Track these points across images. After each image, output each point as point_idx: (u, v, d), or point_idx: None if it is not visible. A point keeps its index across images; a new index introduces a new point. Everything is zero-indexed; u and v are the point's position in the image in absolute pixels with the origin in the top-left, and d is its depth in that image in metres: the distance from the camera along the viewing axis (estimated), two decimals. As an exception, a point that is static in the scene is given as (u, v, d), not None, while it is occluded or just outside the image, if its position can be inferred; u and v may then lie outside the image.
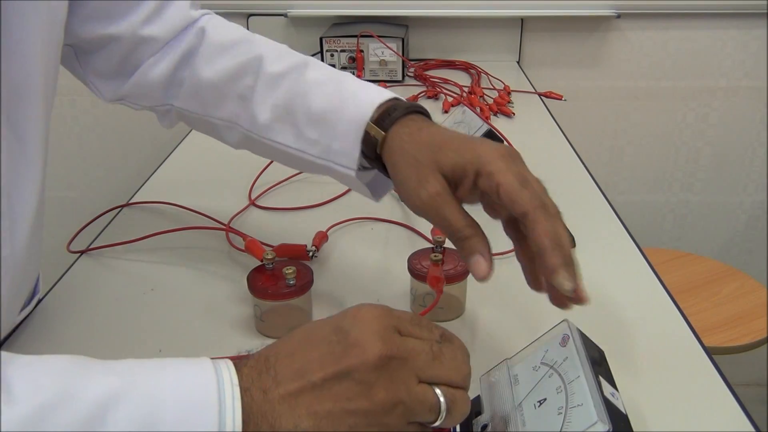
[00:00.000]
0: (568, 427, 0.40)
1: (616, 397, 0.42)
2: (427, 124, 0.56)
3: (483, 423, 0.47)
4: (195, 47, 0.68)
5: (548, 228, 0.48)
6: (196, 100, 0.68)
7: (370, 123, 0.57)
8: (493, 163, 0.50)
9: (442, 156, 0.52)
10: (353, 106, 0.58)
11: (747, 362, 1.46)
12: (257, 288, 0.61)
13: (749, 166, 1.75)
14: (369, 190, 0.63)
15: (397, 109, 0.57)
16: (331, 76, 0.63)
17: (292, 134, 0.62)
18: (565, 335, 0.46)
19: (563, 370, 0.44)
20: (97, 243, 0.79)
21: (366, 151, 0.58)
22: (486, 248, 0.50)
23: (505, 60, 1.63)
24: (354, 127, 0.58)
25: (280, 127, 0.63)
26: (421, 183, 0.52)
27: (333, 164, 0.60)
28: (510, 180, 0.49)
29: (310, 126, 0.61)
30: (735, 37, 1.62)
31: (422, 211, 0.52)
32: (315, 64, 0.65)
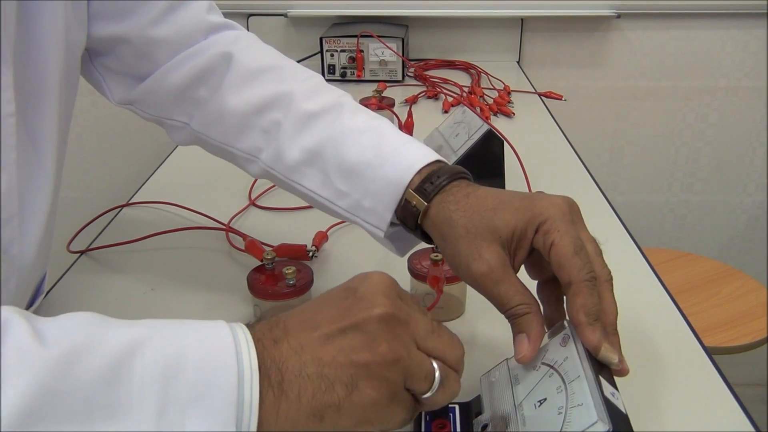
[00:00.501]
0: (568, 427, 0.40)
1: (616, 396, 0.42)
2: (473, 189, 0.52)
3: (483, 423, 0.47)
4: (218, 69, 0.64)
5: (588, 302, 0.46)
6: (216, 127, 0.65)
7: (411, 191, 0.53)
8: (552, 221, 0.48)
9: (498, 220, 0.49)
10: (391, 166, 0.55)
11: (747, 362, 1.46)
12: (257, 288, 0.61)
13: (749, 166, 1.75)
14: (394, 246, 0.60)
15: (440, 176, 0.53)
16: (369, 125, 0.59)
17: (320, 181, 0.59)
18: (566, 335, 0.46)
19: (563, 370, 0.44)
20: (97, 243, 0.79)
21: (401, 216, 0.55)
22: (536, 329, 0.47)
23: (505, 60, 1.63)
24: (390, 190, 0.54)
25: (308, 171, 0.59)
26: (472, 258, 0.48)
27: (360, 221, 0.58)
28: (565, 243, 0.47)
29: (341, 177, 0.57)
30: (735, 37, 1.62)
31: (475, 287, 0.50)
32: (352, 107, 0.62)
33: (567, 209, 0.49)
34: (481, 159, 0.87)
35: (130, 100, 0.68)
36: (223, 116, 0.64)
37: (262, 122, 0.62)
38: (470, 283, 0.50)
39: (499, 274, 0.48)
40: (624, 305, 0.66)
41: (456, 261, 0.50)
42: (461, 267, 0.50)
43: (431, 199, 0.52)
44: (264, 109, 0.62)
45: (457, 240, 0.50)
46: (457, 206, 0.51)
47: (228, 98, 0.63)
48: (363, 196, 0.56)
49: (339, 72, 1.44)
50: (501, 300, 0.48)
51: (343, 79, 1.45)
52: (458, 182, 0.53)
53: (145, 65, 0.65)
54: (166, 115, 0.68)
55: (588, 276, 0.46)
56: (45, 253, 0.59)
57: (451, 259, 0.51)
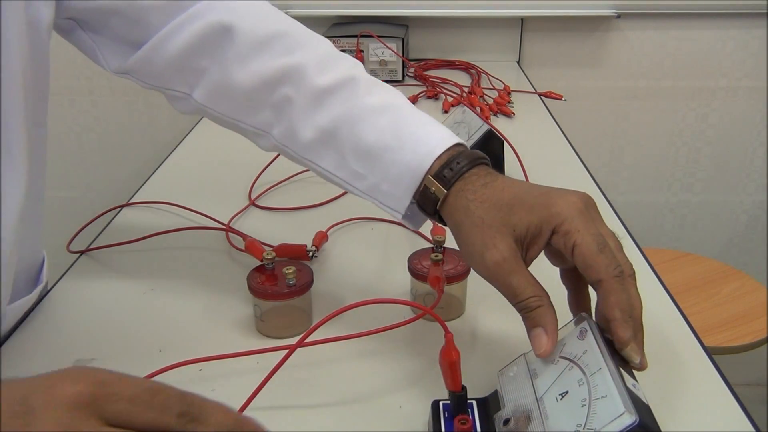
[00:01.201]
0: (593, 419, 0.40)
1: (637, 388, 0.43)
2: (492, 179, 0.52)
3: (505, 417, 0.47)
4: (219, 39, 0.61)
5: (622, 299, 0.46)
6: (223, 101, 0.63)
7: (430, 177, 0.53)
8: (570, 222, 0.47)
9: (513, 217, 0.49)
10: (410, 151, 0.54)
11: (747, 362, 1.46)
12: (257, 288, 0.61)
13: (749, 166, 1.75)
14: (409, 223, 0.59)
15: (459, 162, 0.53)
16: (386, 103, 0.58)
17: (336, 162, 0.58)
18: (583, 329, 0.47)
19: (584, 363, 0.44)
20: (97, 243, 0.79)
21: (419, 201, 0.55)
22: (551, 322, 0.47)
23: (505, 60, 1.63)
24: (409, 176, 0.54)
25: (323, 151, 0.59)
26: (486, 247, 0.49)
27: (378, 203, 0.57)
28: (588, 242, 0.46)
29: (358, 159, 0.57)
30: (735, 37, 1.62)
31: (486, 278, 0.50)
32: (366, 81, 0.60)
33: (584, 207, 0.49)
34: (481, 159, 0.87)
35: (127, 70, 0.65)
36: (230, 90, 0.62)
37: (272, 98, 0.60)
38: (482, 272, 0.50)
39: (513, 265, 0.48)
40: (624, 305, 0.67)
41: (470, 249, 0.50)
42: (474, 256, 0.50)
43: (451, 187, 0.52)
44: (274, 84, 0.60)
45: (472, 229, 0.50)
46: (475, 195, 0.51)
47: (235, 72, 0.61)
48: (381, 180, 0.56)
49: (339, 72, 1.44)
50: (514, 291, 0.48)
51: (343, 79, 1.45)
52: (477, 169, 0.53)
53: (139, 32, 0.62)
54: (166, 85, 0.65)
55: (617, 272, 0.46)
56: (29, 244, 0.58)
57: (465, 248, 0.51)
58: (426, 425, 0.51)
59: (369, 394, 0.55)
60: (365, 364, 0.59)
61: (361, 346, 0.59)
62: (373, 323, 0.55)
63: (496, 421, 0.48)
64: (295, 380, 0.56)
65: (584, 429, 0.41)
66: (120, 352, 0.61)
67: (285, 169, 0.96)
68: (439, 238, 0.64)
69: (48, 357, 0.60)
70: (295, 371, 0.56)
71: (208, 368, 0.57)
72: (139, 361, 0.59)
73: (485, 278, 0.50)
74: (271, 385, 0.51)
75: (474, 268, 0.51)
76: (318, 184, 0.94)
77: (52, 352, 0.61)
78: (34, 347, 0.62)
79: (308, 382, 0.57)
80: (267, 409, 0.53)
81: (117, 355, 0.60)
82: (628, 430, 0.39)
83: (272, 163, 0.96)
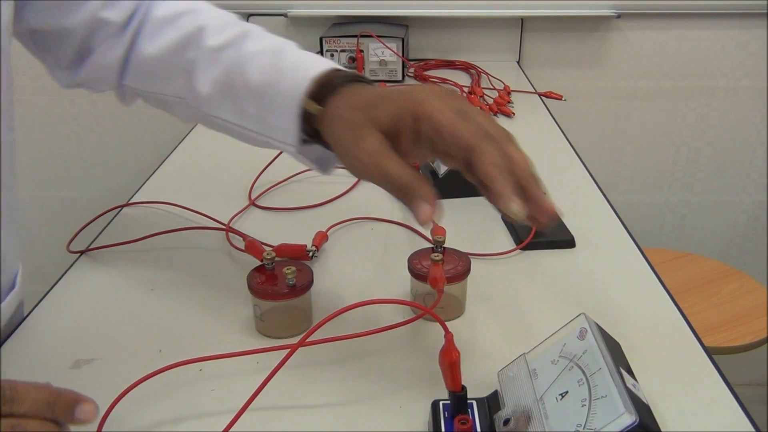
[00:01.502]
0: (593, 419, 0.40)
1: (637, 388, 0.43)
2: (360, 87, 0.54)
3: (505, 417, 0.47)
4: (141, 25, 0.66)
5: (494, 156, 0.47)
6: (144, 77, 0.67)
7: (306, 98, 0.55)
8: (428, 103, 0.49)
9: (377, 111, 0.51)
10: (290, 79, 0.56)
11: (747, 362, 1.46)
12: (257, 288, 0.61)
13: (749, 166, 1.75)
14: (317, 165, 0.61)
15: (334, 80, 0.55)
16: (270, 46, 0.61)
17: (233, 110, 0.61)
18: (583, 328, 0.47)
19: (584, 363, 0.44)
20: (97, 243, 0.79)
21: (307, 128, 0.57)
22: (429, 194, 0.48)
23: (505, 60, 1.63)
24: (290, 103, 0.56)
25: (221, 102, 0.61)
26: (357, 143, 0.51)
27: (272, 140, 0.59)
28: (449, 117, 0.48)
29: (250, 101, 0.59)
30: (735, 37, 1.62)
31: (364, 173, 0.51)
32: (256, 34, 0.63)
33: (442, 92, 0.51)
34: (481, 159, 0.87)
35: (78, 83, 0.69)
36: (146, 66, 0.65)
37: (181, 64, 0.63)
38: (360, 168, 0.51)
39: (384, 153, 0.50)
40: (624, 305, 0.67)
41: (344, 151, 0.52)
42: (349, 154, 0.52)
43: (325, 103, 0.54)
44: (179, 51, 0.63)
45: (343, 132, 0.52)
46: (346, 104, 0.53)
47: (147, 47, 0.64)
48: (269, 115, 0.58)
49: (339, 72, 1.44)
50: (389, 175, 0.49)
51: (343, 79, 1.45)
52: (354, 84, 0.55)
53: (87, 48, 0.66)
54: (114, 86, 0.69)
55: (483, 134, 0.47)
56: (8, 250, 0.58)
57: (340, 151, 0.53)
58: (426, 425, 0.51)
59: (369, 394, 0.55)
60: (365, 364, 0.59)
61: (361, 346, 0.59)
62: (373, 323, 0.55)
63: (496, 421, 0.48)
64: (295, 380, 0.56)
65: (584, 429, 0.41)
66: (120, 352, 0.61)
67: (285, 169, 0.96)
68: (439, 238, 0.64)
69: (48, 357, 0.60)
70: (295, 371, 0.56)
71: (208, 368, 0.57)
72: (139, 361, 0.59)
73: (364, 176, 0.52)
74: (271, 385, 0.50)
75: (352, 170, 0.53)
76: (318, 184, 0.94)
77: (52, 352, 0.61)
78: (34, 347, 0.62)
79: (308, 382, 0.57)
80: (267, 409, 0.53)
81: (117, 355, 0.60)
82: (628, 430, 0.39)
83: (272, 163, 0.96)
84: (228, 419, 0.50)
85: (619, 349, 0.49)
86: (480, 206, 0.87)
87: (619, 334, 0.51)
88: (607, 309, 0.66)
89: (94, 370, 0.58)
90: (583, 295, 0.69)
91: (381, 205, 0.88)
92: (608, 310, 0.66)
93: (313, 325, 0.51)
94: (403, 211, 0.86)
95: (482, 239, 0.79)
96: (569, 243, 0.77)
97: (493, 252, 0.76)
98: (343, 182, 0.94)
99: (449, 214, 0.84)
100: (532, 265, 0.74)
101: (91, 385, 0.56)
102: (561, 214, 0.48)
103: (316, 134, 0.56)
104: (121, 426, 0.51)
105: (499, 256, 0.75)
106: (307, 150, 0.59)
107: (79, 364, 0.59)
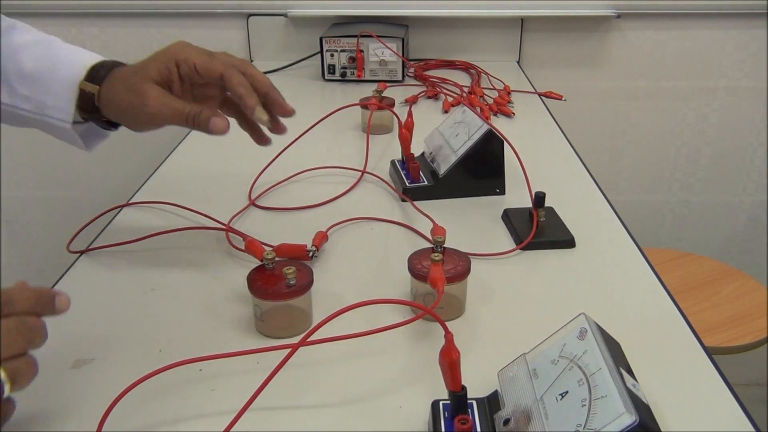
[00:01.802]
0: (593, 419, 0.40)
1: (637, 388, 0.43)
2: (129, 65, 0.68)
3: (505, 417, 0.47)
4: None
5: (241, 80, 0.65)
6: None
7: (84, 81, 0.67)
8: (184, 51, 0.66)
9: (147, 70, 0.65)
10: (67, 66, 0.68)
11: (747, 362, 1.46)
12: (257, 288, 0.61)
13: (749, 166, 1.75)
14: (83, 142, 0.71)
15: (105, 65, 0.68)
16: (39, 39, 0.71)
17: (5, 92, 0.69)
18: (583, 329, 0.47)
19: (583, 363, 0.44)
20: (97, 243, 0.79)
21: (83, 106, 0.68)
22: (215, 111, 0.64)
23: (505, 60, 1.63)
24: (68, 86, 0.68)
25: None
26: (141, 97, 0.64)
27: (48, 118, 0.69)
28: (202, 58, 0.65)
29: (23, 84, 0.69)
30: (735, 37, 1.62)
31: (157, 117, 0.65)
32: (22, 28, 0.72)
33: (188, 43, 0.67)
34: (481, 159, 0.87)
35: None
36: None
37: None
38: (152, 116, 0.64)
39: (167, 95, 0.65)
40: (624, 305, 0.67)
41: (133, 109, 0.65)
42: (137, 110, 0.64)
43: (102, 82, 0.67)
44: None
45: (125, 95, 0.65)
46: (118, 77, 0.67)
47: None
48: (46, 96, 0.68)
49: (339, 72, 1.44)
50: (180, 110, 0.64)
51: (343, 79, 1.45)
52: (118, 66, 0.69)
53: None
54: None
55: (229, 65, 0.65)
56: None
57: (129, 112, 0.66)
58: (426, 425, 0.51)
59: (369, 394, 0.55)
60: (365, 364, 0.59)
61: (361, 346, 0.59)
62: (373, 323, 0.55)
63: (496, 421, 0.48)
64: (295, 380, 0.56)
65: (584, 429, 0.41)
66: (120, 352, 0.61)
67: (285, 169, 0.96)
68: (439, 238, 0.64)
69: (48, 357, 0.60)
70: (295, 371, 0.56)
71: (208, 368, 0.57)
72: (139, 361, 0.59)
73: (156, 121, 0.65)
74: (271, 385, 0.51)
75: (144, 121, 0.65)
76: (318, 184, 0.94)
77: (52, 352, 0.61)
78: (34, 347, 0.62)
79: (308, 382, 0.57)
80: (267, 409, 0.53)
81: (117, 355, 0.60)
82: (628, 430, 0.39)
83: (272, 163, 0.96)
84: (228, 419, 0.50)
85: (619, 349, 0.49)
86: (480, 206, 0.87)
87: (619, 334, 0.51)
88: (607, 309, 0.66)
89: (94, 370, 0.58)
90: (583, 295, 0.69)
91: (381, 205, 0.88)
92: (608, 310, 0.66)
93: (313, 325, 0.51)
94: (403, 211, 0.86)
95: (482, 239, 0.79)
96: (569, 243, 0.77)
97: (493, 252, 0.76)
98: (343, 182, 0.94)
99: (449, 214, 0.84)
100: (532, 265, 0.74)
101: (91, 385, 0.56)
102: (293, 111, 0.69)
103: (91, 113, 0.69)
104: (121, 426, 0.51)
105: (499, 256, 0.75)
106: (77, 127, 0.70)
107: (79, 364, 0.59)
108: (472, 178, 0.88)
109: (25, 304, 0.48)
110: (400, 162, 0.95)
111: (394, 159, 0.97)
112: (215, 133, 0.64)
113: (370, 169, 0.97)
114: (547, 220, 0.79)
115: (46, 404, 0.54)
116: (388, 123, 1.14)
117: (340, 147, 1.09)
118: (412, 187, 0.89)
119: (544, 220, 0.79)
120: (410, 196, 0.88)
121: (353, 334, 0.54)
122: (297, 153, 0.98)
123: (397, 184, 0.91)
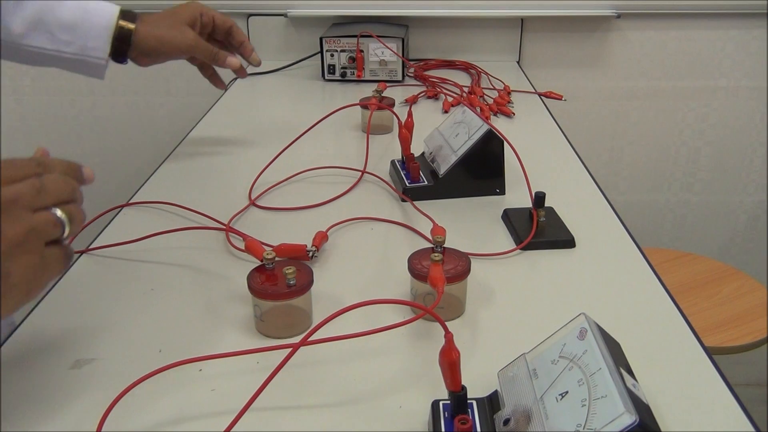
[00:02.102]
0: (593, 419, 0.40)
1: (637, 387, 0.43)
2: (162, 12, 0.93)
3: (505, 417, 0.47)
4: None
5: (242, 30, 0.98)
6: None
7: (119, 22, 0.87)
8: (204, 7, 0.94)
9: (181, 15, 0.91)
10: (99, 13, 0.87)
11: (747, 362, 1.46)
12: (257, 288, 0.61)
13: (749, 166, 1.75)
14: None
15: (129, 13, 0.89)
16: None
17: (48, 39, 0.86)
18: (583, 328, 0.47)
19: (584, 363, 0.44)
20: (97, 243, 0.79)
21: (118, 46, 0.88)
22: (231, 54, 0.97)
23: (505, 60, 1.63)
24: (104, 29, 0.87)
25: (35, 35, 0.85)
26: (183, 33, 0.91)
27: (89, 58, 0.87)
28: (217, 13, 0.95)
29: (63, 32, 0.86)
30: (735, 37, 1.62)
31: (192, 49, 0.92)
32: None
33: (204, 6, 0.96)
34: (481, 159, 0.87)
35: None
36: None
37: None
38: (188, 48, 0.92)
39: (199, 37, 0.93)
40: (624, 305, 0.67)
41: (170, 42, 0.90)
42: (179, 43, 0.91)
43: (135, 23, 0.89)
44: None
45: (167, 30, 0.90)
46: (154, 19, 0.91)
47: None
48: (87, 40, 0.87)
49: (339, 72, 1.44)
50: (209, 49, 0.94)
51: (343, 79, 1.45)
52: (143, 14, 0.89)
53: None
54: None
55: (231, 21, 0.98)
56: None
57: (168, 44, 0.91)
58: (426, 425, 0.51)
59: (369, 394, 0.55)
60: (365, 364, 0.59)
61: (361, 346, 0.59)
62: (373, 323, 0.55)
63: (496, 421, 0.48)
64: (295, 380, 0.56)
65: (584, 429, 0.41)
66: (120, 352, 0.61)
67: (285, 169, 0.96)
68: (439, 238, 0.64)
69: (48, 357, 0.60)
70: (295, 371, 0.56)
71: (208, 368, 0.57)
72: (139, 361, 0.59)
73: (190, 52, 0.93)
74: (271, 385, 0.50)
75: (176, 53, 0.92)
76: (318, 184, 0.94)
77: (52, 352, 0.61)
78: (34, 347, 0.62)
79: (308, 382, 0.57)
80: (267, 409, 0.53)
81: (117, 355, 0.60)
82: (628, 430, 0.39)
83: (272, 163, 0.96)
84: (228, 419, 0.50)
85: (619, 349, 0.49)
86: (480, 206, 0.87)
87: (619, 334, 0.51)
88: (607, 309, 0.66)
89: (94, 370, 0.58)
90: (583, 295, 0.69)
91: (381, 205, 0.88)
92: (608, 310, 0.66)
93: (313, 325, 0.51)
94: (403, 211, 0.86)
95: (482, 239, 0.79)
96: (569, 243, 0.77)
97: (493, 252, 0.76)
98: (343, 182, 0.94)
99: (449, 214, 0.84)
100: (532, 265, 0.74)
101: (91, 385, 0.56)
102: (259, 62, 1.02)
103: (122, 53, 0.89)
104: (121, 426, 0.51)
105: (499, 256, 0.75)
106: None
107: (79, 364, 0.59)
108: (472, 178, 0.88)
109: (59, 166, 0.51)
110: (400, 162, 0.95)
111: (394, 159, 0.97)
112: (230, 68, 0.95)
113: (370, 169, 0.97)
114: (547, 220, 0.79)
115: (46, 404, 0.54)
116: (388, 123, 1.14)
117: (340, 147, 1.09)
118: (412, 187, 0.89)
119: (544, 220, 0.79)
120: (410, 196, 0.88)
121: (353, 334, 0.54)
122: (297, 153, 0.98)
123: (397, 184, 0.91)
